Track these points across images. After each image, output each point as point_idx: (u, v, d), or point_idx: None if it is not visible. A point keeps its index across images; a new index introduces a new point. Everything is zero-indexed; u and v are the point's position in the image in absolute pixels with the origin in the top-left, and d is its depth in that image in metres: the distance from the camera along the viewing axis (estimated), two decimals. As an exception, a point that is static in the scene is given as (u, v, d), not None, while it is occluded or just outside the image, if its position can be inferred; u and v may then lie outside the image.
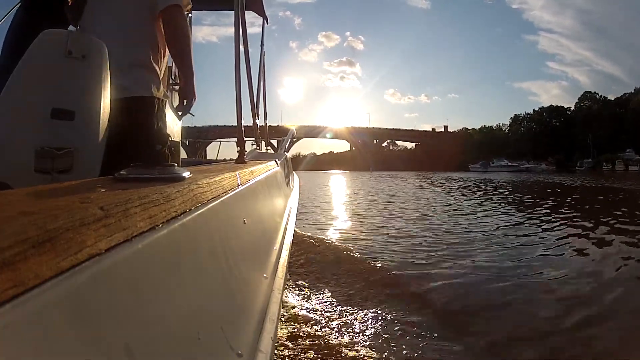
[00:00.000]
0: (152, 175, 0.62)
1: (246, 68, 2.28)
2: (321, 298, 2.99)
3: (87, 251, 0.31)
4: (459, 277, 3.53)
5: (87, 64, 1.14)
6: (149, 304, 0.39)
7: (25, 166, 1.03)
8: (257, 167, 1.42)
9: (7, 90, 1.06)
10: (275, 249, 1.28)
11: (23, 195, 0.44)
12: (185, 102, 1.71)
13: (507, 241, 5.12)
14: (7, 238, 0.24)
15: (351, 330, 2.44)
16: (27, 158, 1.03)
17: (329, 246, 4.75)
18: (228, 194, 0.79)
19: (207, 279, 0.58)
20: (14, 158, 1.06)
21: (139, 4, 1.61)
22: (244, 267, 0.80)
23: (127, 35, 1.57)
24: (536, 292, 3.16)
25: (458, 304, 2.95)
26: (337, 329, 2.43)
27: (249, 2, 2.52)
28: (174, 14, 1.62)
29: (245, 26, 2.12)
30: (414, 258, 4.20)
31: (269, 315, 0.81)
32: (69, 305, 0.28)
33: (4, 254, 0.23)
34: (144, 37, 1.62)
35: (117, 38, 1.49)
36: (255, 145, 3.29)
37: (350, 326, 2.49)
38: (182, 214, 0.52)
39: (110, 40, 1.29)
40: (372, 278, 3.48)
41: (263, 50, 3.87)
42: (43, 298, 0.25)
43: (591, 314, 2.63)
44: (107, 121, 1.21)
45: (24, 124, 1.08)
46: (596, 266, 3.84)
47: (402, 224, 6.71)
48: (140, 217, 0.41)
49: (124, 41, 1.53)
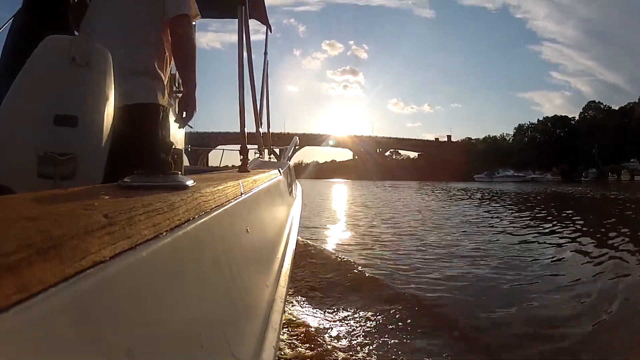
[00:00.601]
0: (155, 183, 0.62)
1: (249, 76, 2.28)
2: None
3: (92, 258, 0.31)
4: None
5: (91, 70, 1.15)
6: (153, 312, 0.39)
7: (28, 171, 1.03)
8: (260, 175, 1.42)
9: (10, 95, 1.06)
10: (277, 258, 1.28)
11: (27, 200, 0.44)
12: (185, 113, 1.70)
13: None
14: (11, 243, 0.24)
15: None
16: (30, 163, 1.03)
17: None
18: (231, 202, 0.79)
19: (210, 287, 0.58)
20: (16, 162, 1.06)
21: (145, 10, 1.61)
22: (246, 275, 0.80)
23: (132, 41, 1.58)
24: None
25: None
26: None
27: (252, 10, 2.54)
28: (183, 24, 1.62)
29: (249, 34, 2.13)
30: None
31: (271, 323, 0.80)
32: (73, 312, 0.27)
33: (8, 259, 0.23)
34: (149, 43, 1.62)
35: (123, 44, 1.50)
36: (258, 153, 3.29)
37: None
38: (186, 223, 0.52)
39: (116, 45, 1.29)
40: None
41: (266, 58, 3.90)
42: (47, 304, 0.25)
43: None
44: (111, 128, 1.21)
45: (27, 129, 1.08)
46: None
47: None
48: (144, 225, 0.41)
49: (129, 47, 1.54)
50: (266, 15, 3.60)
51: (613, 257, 4.80)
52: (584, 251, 5.45)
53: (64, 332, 0.26)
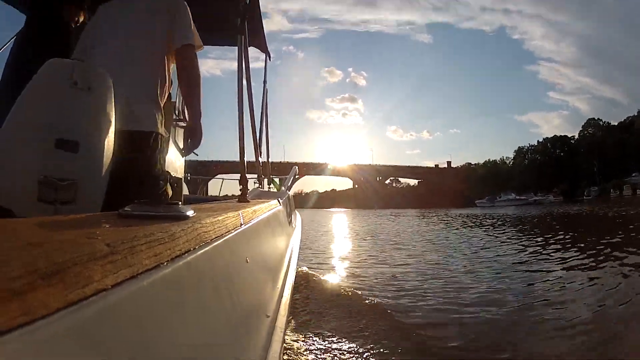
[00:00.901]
0: (157, 213, 0.63)
1: (249, 105, 2.28)
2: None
3: (94, 286, 0.31)
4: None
5: (92, 95, 1.16)
6: (153, 341, 0.39)
7: (29, 195, 1.03)
8: (259, 206, 1.43)
9: (12, 117, 1.07)
10: (277, 288, 1.26)
11: (30, 225, 0.45)
12: (191, 141, 1.72)
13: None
14: (17, 268, 0.25)
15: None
16: (31, 187, 1.03)
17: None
18: (231, 233, 0.79)
19: (210, 317, 0.57)
20: (17, 185, 1.05)
21: (151, 38, 1.64)
22: (246, 305, 0.79)
23: (136, 68, 1.60)
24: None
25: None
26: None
27: (251, 38, 2.61)
28: (189, 54, 1.66)
29: (248, 63, 2.15)
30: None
31: (271, 353, 0.79)
32: (75, 337, 0.27)
33: (14, 283, 0.24)
34: (152, 71, 1.64)
35: (127, 70, 1.52)
36: (257, 183, 3.29)
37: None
38: (186, 253, 0.52)
39: (118, 70, 1.30)
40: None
41: (266, 87, 3.95)
42: (51, 329, 0.25)
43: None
44: (112, 154, 1.21)
45: (28, 152, 1.08)
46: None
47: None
48: (145, 255, 0.42)
49: (131, 73, 1.55)
50: (265, 44, 3.67)
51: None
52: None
53: (66, 356, 0.26)
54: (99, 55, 1.58)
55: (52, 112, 1.11)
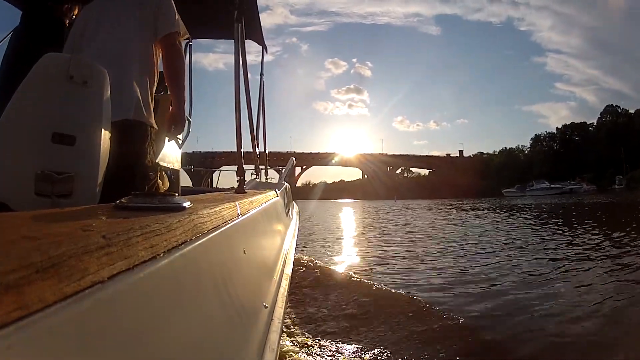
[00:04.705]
0: (152, 205, 0.63)
1: (246, 97, 2.30)
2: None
3: (90, 278, 0.31)
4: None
5: (88, 89, 1.16)
6: (150, 333, 0.39)
7: (26, 188, 1.03)
8: (256, 197, 1.43)
9: (8, 111, 1.07)
10: (275, 279, 1.27)
11: (25, 219, 0.45)
12: (174, 127, 1.73)
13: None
14: (12, 261, 0.25)
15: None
16: (28, 180, 1.04)
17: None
18: (228, 224, 0.79)
19: (207, 308, 0.58)
20: (14, 179, 1.06)
21: (139, 30, 1.66)
22: (244, 296, 0.80)
23: (125, 59, 1.61)
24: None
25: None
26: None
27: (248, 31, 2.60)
28: (174, 40, 1.68)
29: (245, 55, 2.16)
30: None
31: (269, 344, 0.80)
32: (71, 331, 0.28)
33: (8, 277, 0.24)
34: (141, 62, 1.66)
35: (115, 61, 1.52)
36: (254, 174, 3.30)
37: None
38: (183, 244, 0.52)
39: (107, 62, 1.31)
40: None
41: (262, 79, 3.97)
42: (47, 322, 0.25)
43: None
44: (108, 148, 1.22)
45: (24, 147, 1.08)
46: None
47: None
48: (141, 247, 0.42)
49: (121, 65, 1.56)
50: (262, 36, 3.71)
51: None
52: None
53: (63, 349, 0.26)
54: (87, 49, 1.60)
55: (49, 106, 1.11)
